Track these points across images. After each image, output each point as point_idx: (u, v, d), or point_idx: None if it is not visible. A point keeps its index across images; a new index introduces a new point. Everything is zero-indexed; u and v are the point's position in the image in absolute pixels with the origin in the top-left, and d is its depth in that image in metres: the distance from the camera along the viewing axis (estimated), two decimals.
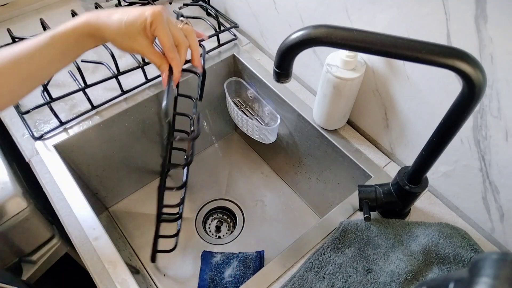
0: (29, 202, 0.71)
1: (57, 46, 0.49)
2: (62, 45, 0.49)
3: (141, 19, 0.48)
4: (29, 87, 0.50)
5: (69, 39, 0.49)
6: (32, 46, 0.47)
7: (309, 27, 0.38)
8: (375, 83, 0.64)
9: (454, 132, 0.45)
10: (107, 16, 0.49)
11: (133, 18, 0.48)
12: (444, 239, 0.57)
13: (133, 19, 0.48)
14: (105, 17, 0.49)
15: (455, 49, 0.36)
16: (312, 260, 0.57)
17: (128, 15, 0.49)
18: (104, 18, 0.49)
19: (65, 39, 0.49)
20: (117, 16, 0.49)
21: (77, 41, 0.49)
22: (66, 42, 0.49)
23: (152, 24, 0.48)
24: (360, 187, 0.59)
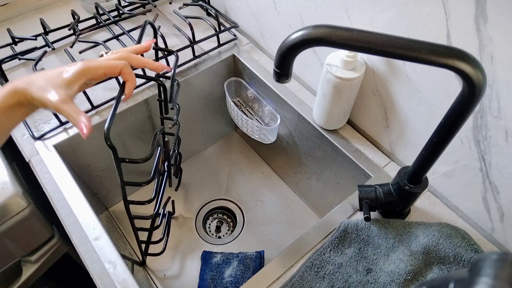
0: (29, 202, 0.71)
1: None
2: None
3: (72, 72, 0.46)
4: None
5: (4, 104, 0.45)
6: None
7: (309, 27, 0.38)
8: (375, 83, 0.64)
9: (454, 132, 0.45)
10: (31, 77, 0.47)
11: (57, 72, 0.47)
12: (444, 239, 0.57)
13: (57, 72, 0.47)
14: (29, 78, 0.46)
15: (455, 49, 0.36)
16: (312, 260, 0.57)
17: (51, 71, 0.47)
18: (28, 79, 0.46)
19: None
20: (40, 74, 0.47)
21: (5, 113, 0.46)
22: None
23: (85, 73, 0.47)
24: (360, 187, 0.59)
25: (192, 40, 0.82)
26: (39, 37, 0.84)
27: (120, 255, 0.58)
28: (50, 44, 0.81)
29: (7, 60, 0.79)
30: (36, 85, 0.46)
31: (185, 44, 0.83)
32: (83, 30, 0.84)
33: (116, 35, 0.82)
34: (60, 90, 0.45)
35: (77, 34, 0.83)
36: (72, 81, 0.46)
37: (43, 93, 0.45)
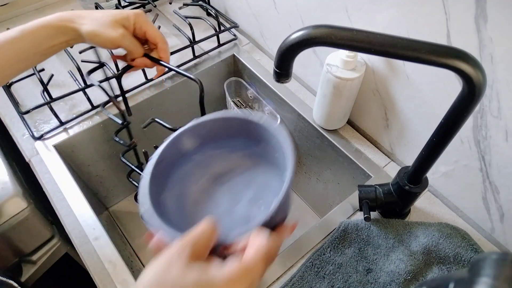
0: (29, 202, 0.71)
1: (27, 40, 0.47)
2: (32, 39, 0.47)
3: (124, 14, 0.49)
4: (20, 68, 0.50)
5: (40, 32, 0.47)
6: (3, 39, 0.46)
7: (309, 27, 0.38)
8: (375, 83, 0.64)
9: (454, 132, 0.45)
10: (84, 12, 0.49)
11: (115, 12, 0.49)
12: (444, 239, 0.57)
13: (115, 13, 0.49)
14: (81, 13, 0.49)
15: (455, 49, 0.36)
16: (312, 260, 0.57)
17: (109, 11, 0.49)
18: (80, 13, 0.49)
19: (36, 33, 0.47)
20: (97, 12, 0.50)
21: (48, 36, 0.48)
22: (38, 35, 0.47)
23: (137, 20, 0.49)
24: (360, 187, 0.59)
25: (192, 40, 0.82)
26: None
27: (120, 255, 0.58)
28: None
29: None
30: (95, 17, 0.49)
31: (185, 44, 0.83)
32: None
33: None
34: (119, 28, 0.49)
35: None
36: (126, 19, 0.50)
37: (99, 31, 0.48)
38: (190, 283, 0.26)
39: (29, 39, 0.47)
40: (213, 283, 0.27)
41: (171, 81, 0.81)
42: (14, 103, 0.74)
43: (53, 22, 0.48)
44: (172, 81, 0.81)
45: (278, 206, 0.34)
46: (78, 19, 0.49)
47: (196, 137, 0.43)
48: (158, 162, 0.39)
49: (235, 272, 0.28)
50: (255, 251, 0.29)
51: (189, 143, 0.42)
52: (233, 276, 0.28)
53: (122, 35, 0.49)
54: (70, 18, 0.49)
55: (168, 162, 0.41)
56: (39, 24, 0.48)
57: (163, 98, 0.81)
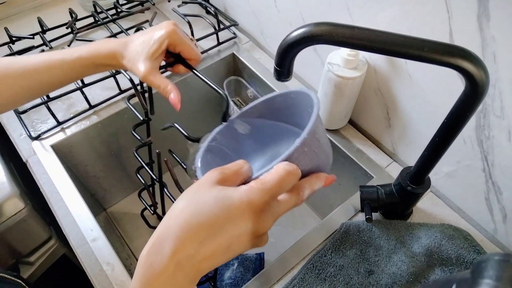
0: (26, 203, 0.70)
1: (76, 69, 0.50)
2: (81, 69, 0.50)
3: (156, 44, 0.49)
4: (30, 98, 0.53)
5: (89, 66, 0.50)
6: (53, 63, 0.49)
7: (310, 25, 0.38)
8: (377, 82, 0.64)
9: (456, 132, 0.44)
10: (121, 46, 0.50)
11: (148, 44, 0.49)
12: (446, 241, 0.56)
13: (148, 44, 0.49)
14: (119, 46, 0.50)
15: (457, 47, 0.36)
16: (313, 262, 0.56)
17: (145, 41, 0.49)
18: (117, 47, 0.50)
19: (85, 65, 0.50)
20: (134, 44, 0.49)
21: (96, 68, 0.51)
22: (86, 67, 0.50)
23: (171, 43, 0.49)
24: (362, 188, 0.59)
25: None
26: (37, 35, 0.83)
27: (118, 256, 0.58)
28: (48, 42, 0.81)
29: None
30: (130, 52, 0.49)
31: None
32: (80, 28, 0.84)
33: (114, 34, 0.82)
34: (147, 62, 0.48)
35: (74, 32, 0.82)
36: (156, 50, 0.49)
37: (133, 65, 0.49)
38: (208, 198, 0.29)
39: (77, 69, 0.50)
40: (229, 198, 0.29)
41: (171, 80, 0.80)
42: None
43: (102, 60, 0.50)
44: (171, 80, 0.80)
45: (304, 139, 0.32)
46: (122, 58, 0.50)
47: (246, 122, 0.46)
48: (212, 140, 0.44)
49: (250, 190, 0.30)
50: (273, 175, 0.30)
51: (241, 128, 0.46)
52: (249, 193, 0.29)
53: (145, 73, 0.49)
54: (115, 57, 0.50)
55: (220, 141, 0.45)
56: (88, 59, 0.50)
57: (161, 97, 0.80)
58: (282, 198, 0.32)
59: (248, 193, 0.29)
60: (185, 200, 0.30)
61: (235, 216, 0.29)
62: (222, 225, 0.28)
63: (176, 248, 0.28)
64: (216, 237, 0.28)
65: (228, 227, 0.29)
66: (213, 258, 0.29)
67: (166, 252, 0.28)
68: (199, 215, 0.29)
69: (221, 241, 0.29)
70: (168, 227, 0.29)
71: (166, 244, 0.28)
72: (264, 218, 0.30)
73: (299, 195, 0.33)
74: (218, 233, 0.28)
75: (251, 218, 0.29)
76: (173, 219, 0.29)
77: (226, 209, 0.29)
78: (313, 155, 0.34)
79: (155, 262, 0.28)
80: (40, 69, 0.49)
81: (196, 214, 0.29)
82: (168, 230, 0.29)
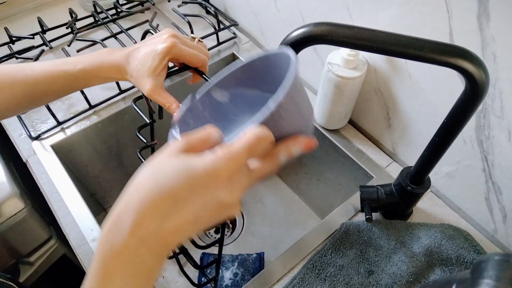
0: (26, 203, 0.70)
1: (81, 81, 0.50)
2: (85, 82, 0.50)
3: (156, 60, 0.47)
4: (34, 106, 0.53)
5: (93, 78, 0.50)
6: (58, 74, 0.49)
7: (310, 25, 0.38)
8: (377, 82, 0.64)
9: (456, 132, 0.44)
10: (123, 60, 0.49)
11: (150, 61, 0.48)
12: (446, 241, 0.56)
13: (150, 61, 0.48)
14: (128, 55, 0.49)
15: (458, 47, 0.36)
16: (313, 262, 0.56)
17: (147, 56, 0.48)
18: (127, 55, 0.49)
19: (89, 77, 0.50)
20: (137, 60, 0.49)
21: (100, 80, 0.51)
22: (90, 80, 0.50)
23: (172, 57, 0.48)
24: (362, 188, 0.59)
25: None
26: (37, 35, 0.83)
27: None
28: (48, 42, 0.81)
29: (4, 59, 0.79)
30: (133, 68, 0.48)
31: None
32: (80, 28, 0.84)
33: (114, 34, 0.82)
34: (150, 80, 0.47)
35: (74, 32, 0.82)
36: (158, 66, 0.47)
37: (136, 81, 0.48)
38: (170, 168, 0.27)
39: (81, 81, 0.50)
40: (193, 168, 0.27)
41: (170, 80, 0.80)
42: None
43: (106, 73, 0.50)
44: (170, 80, 0.80)
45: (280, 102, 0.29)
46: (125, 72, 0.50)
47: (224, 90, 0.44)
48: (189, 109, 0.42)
49: (216, 159, 0.27)
50: (241, 140, 0.28)
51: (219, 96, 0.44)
52: (213, 162, 0.27)
53: (149, 92, 0.48)
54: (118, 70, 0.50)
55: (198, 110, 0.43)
56: (93, 72, 0.49)
57: None
58: (255, 166, 0.30)
59: (213, 161, 0.27)
60: (146, 172, 0.28)
61: (199, 187, 0.27)
62: (185, 197, 0.26)
63: (137, 223, 0.26)
64: (180, 210, 0.26)
65: (193, 198, 0.27)
66: (180, 232, 0.27)
67: (126, 228, 0.26)
68: (160, 187, 0.26)
69: (186, 214, 0.27)
70: (128, 202, 0.27)
71: (126, 219, 0.26)
72: (232, 187, 0.28)
73: (274, 161, 0.31)
74: (182, 206, 0.26)
75: (217, 188, 0.27)
76: (133, 193, 0.27)
77: (189, 180, 0.27)
78: (290, 118, 0.31)
79: (115, 239, 0.27)
80: (43, 79, 0.49)
81: (157, 187, 0.27)
82: (128, 205, 0.27)
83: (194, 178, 0.27)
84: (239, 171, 0.28)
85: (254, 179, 0.30)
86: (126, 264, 0.27)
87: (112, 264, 0.27)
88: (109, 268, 0.27)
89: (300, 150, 0.32)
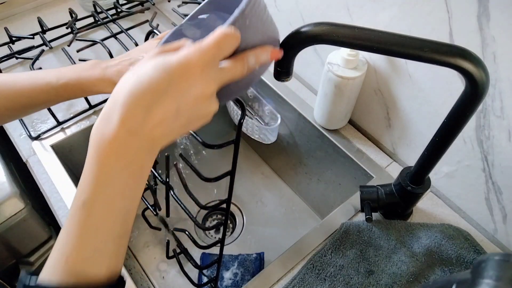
0: (26, 203, 0.70)
1: (63, 94, 0.50)
2: (68, 95, 0.50)
3: None
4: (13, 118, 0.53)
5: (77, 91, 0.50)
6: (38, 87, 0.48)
7: (310, 25, 0.38)
8: (377, 82, 0.64)
9: (456, 132, 0.44)
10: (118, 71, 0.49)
11: None
12: (446, 241, 0.56)
13: None
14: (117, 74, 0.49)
15: (458, 47, 0.36)
16: (313, 262, 0.56)
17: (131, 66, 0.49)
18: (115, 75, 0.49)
19: (72, 91, 0.50)
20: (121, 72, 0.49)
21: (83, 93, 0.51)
22: (73, 93, 0.50)
23: None
24: (362, 188, 0.59)
25: None
26: (37, 35, 0.83)
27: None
28: (48, 42, 0.81)
29: (4, 59, 0.79)
30: None
31: None
32: (80, 28, 0.84)
33: (114, 34, 0.82)
34: None
35: (74, 32, 0.82)
36: None
37: None
38: (149, 67, 0.29)
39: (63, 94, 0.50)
40: (168, 62, 0.29)
41: None
42: None
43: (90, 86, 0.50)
44: None
45: (242, 9, 0.31)
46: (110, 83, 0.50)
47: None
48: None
49: (188, 52, 0.29)
50: (210, 37, 0.30)
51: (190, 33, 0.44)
52: (186, 55, 0.29)
53: None
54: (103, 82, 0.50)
55: None
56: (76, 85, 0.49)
57: None
58: (225, 65, 0.32)
59: (186, 55, 0.29)
60: (128, 74, 0.31)
61: (175, 78, 0.29)
62: (164, 88, 0.29)
63: (124, 115, 0.28)
64: (161, 101, 0.29)
65: (171, 89, 0.29)
66: (164, 124, 0.29)
67: (115, 120, 0.28)
68: (141, 83, 0.29)
69: (167, 104, 0.29)
70: (115, 99, 0.29)
71: (114, 114, 0.29)
72: (206, 78, 0.30)
73: (243, 63, 0.33)
74: (162, 97, 0.29)
75: (191, 78, 0.29)
76: (118, 91, 0.29)
77: (166, 73, 0.29)
78: (255, 28, 0.34)
79: (106, 131, 0.29)
80: (24, 92, 0.48)
81: (139, 83, 0.29)
82: (115, 102, 0.29)
83: (170, 70, 0.29)
84: (211, 65, 0.30)
85: (225, 76, 0.32)
86: (118, 153, 0.29)
87: (105, 152, 0.29)
88: (102, 156, 0.29)
89: (267, 57, 0.35)
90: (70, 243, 0.29)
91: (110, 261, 0.31)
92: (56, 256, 0.30)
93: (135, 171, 0.30)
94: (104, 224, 0.30)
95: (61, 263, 0.29)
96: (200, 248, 0.55)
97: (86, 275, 0.29)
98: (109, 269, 0.30)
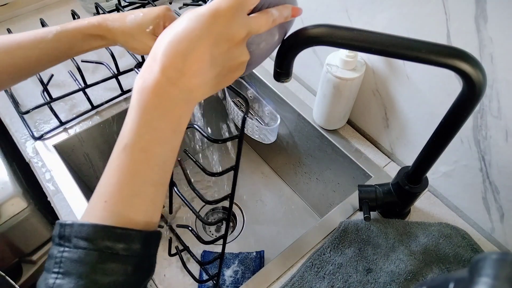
0: (29, 202, 0.71)
1: (63, 42, 0.50)
2: (67, 41, 0.50)
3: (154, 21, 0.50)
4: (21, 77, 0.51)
5: (77, 37, 0.50)
6: (38, 36, 0.48)
7: (309, 27, 0.38)
8: (375, 83, 0.64)
9: (454, 132, 0.44)
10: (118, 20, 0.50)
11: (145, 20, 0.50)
12: (444, 239, 0.57)
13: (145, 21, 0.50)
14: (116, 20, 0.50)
15: (455, 48, 0.36)
16: (312, 260, 0.57)
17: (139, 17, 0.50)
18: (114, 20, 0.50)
19: (72, 36, 0.50)
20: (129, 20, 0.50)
21: (84, 40, 0.50)
22: (74, 38, 0.50)
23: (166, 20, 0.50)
24: (360, 187, 0.59)
25: None
26: None
27: None
28: None
29: None
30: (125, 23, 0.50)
31: None
32: None
33: None
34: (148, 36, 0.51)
35: None
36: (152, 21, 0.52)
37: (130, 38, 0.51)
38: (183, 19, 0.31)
39: (64, 41, 0.50)
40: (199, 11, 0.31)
41: None
42: (14, 103, 0.74)
43: (90, 29, 0.50)
44: None
45: None
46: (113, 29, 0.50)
47: None
48: None
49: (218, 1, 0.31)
50: None
51: None
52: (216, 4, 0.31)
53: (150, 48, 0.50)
54: (106, 27, 0.50)
55: None
56: (75, 28, 0.50)
57: None
58: (252, 15, 0.34)
59: (215, 3, 0.31)
60: (166, 29, 0.32)
61: (207, 24, 0.30)
62: (198, 35, 0.30)
63: (164, 63, 0.30)
64: (196, 48, 0.30)
65: (204, 36, 0.30)
66: (201, 74, 0.31)
67: (156, 68, 0.30)
68: (177, 33, 0.30)
69: (202, 52, 0.30)
70: (156, 51, 0.31)
71: (155, 63, 0.30)
72: (235, 24, 0.31)
73: (268, 15, 0.34)
74: (197, 44, 0.30)
75: (221, 23, 0.31)
76: (158, 47, 0.31)
77: (198, 21, 0.30)
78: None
79: (148, 78, 0.30)
80: (25, 44, 0.48)
81: (175, 33, 0.30)
82: (156, 53, 0.31)
83: (202, 17, 0.30)
84: (239, 11, 0.32)
85: (253, 24, 0.33)
86: (157, 101, 0.30)
87: (146, 99, 0.30)
88: (143, 103, 0.30)
89: (289, 13, 0.37)
90: (110, 187, 0.30)
91: (148, 208, 0.32)
92: (95, 199, 0.31)
93: (173, 121, 0.31)
94: (143, 170, 0.30)
95: (100, 204, 0.30)
96: (203, 243, 0.55)
97: (124, 217, 0.30)
98: (146, 216, 0.31)
